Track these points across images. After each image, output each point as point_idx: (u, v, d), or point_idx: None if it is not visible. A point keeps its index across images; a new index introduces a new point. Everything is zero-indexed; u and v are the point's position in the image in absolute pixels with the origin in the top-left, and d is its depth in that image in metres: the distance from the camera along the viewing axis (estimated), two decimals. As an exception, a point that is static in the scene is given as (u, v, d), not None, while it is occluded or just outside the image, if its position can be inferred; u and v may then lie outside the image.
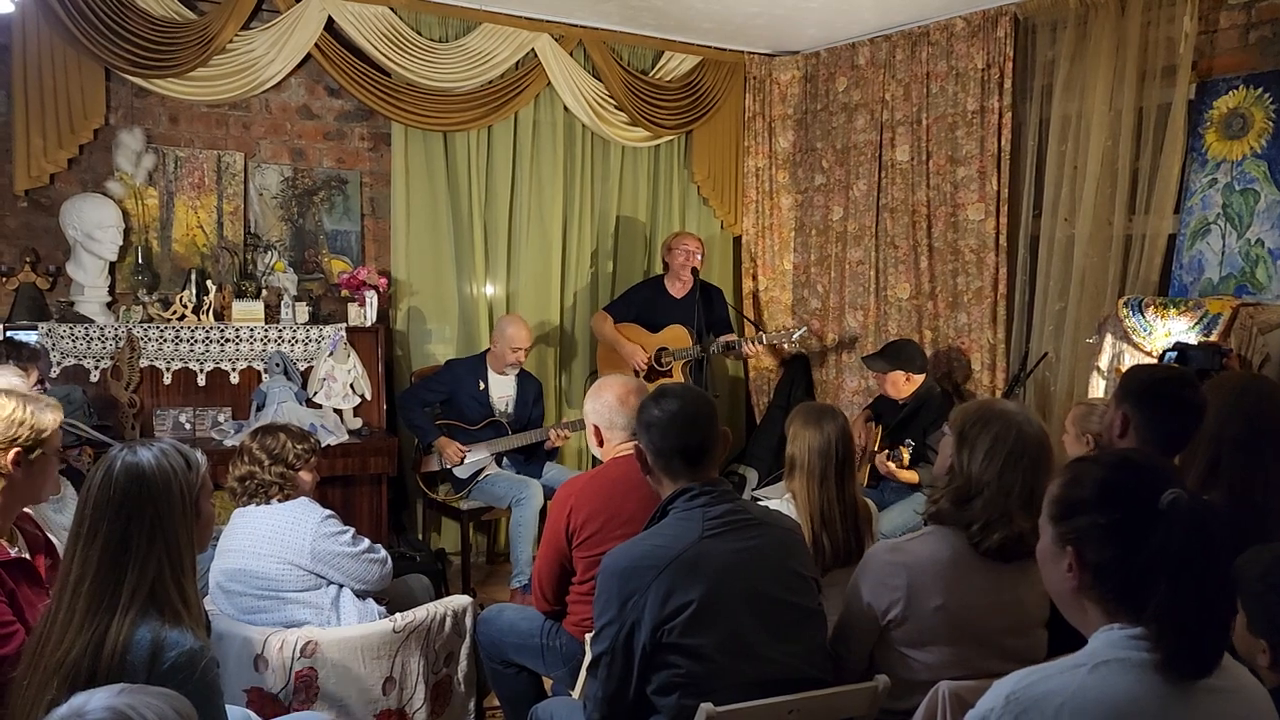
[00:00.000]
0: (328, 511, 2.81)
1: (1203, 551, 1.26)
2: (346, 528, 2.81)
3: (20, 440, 1.95)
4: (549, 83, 5.09)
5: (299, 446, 2.84)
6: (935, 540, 2.07)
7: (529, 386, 4.74)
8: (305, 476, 2.86)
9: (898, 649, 2.07)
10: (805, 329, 5.08)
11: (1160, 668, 1.26)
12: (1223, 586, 1.29)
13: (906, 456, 4.03)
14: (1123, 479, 1.36)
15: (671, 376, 4.82)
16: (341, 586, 2.78)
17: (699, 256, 4.96)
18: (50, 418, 2.02)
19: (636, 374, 4.84)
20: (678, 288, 5.01)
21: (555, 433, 4.51)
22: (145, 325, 4.19)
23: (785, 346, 5.48)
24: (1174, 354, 3.35)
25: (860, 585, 2.11)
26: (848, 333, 5.40)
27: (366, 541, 2.84)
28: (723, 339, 4.94)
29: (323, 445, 3.22)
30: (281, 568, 2.69)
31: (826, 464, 2.64)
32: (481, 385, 4.62)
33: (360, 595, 2.82)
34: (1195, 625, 1.26)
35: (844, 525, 2.63)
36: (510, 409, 4.67)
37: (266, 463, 2.78)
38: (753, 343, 4.89)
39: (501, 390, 4.67)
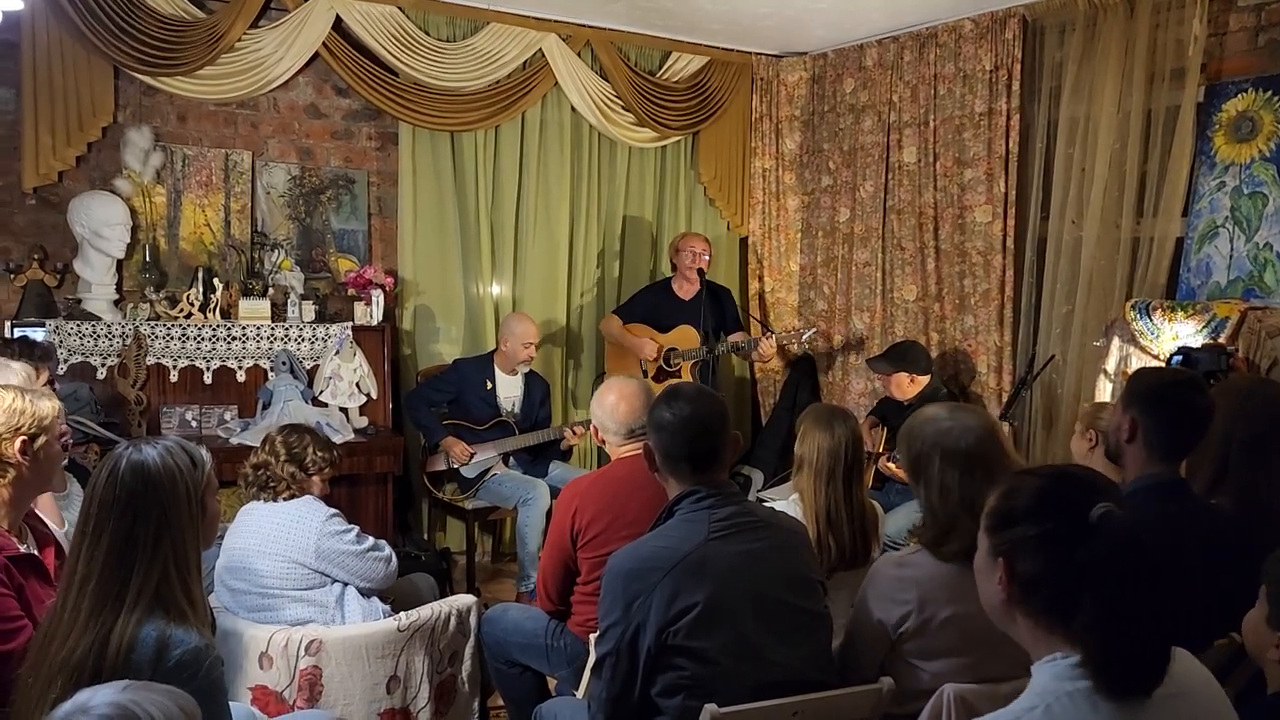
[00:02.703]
0: (332, 510, 2.81)
1: (1131, 567, 1.24)
2: (350, 526, 2.81)
3: (24, 428, 1.97)
4: (556, 83, 5.09)
5: (319, 454, 2.85)
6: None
7: (536, 387, 4.74)
8: (316, 483, 2.87)
9: (908, 660, 2.06)
10: (815, 330, 5.08)
11: (1098, 686, 1.23)
12: (1154, 603, 1.25)
13: None
14: (1058, 491, 1.34)
15: (680, 377, 4.82)
16: (346, 585, 2.78)
17: (706, 257, 4.95)
18: (49, 405, 2.05)
19: (644, 372, 4.85)
20: (685, 289, 5.00)
21: (571, 431, 4.50)
22: (152, 323, 4.20)
23: (793, 347, 5.47)
24: (1179, 358, 3.34)
25: (869, 601, 2.09)
26: (854, 334, 5.39)
27: (371, 539, 2.84)
28: (732, 339, 4.94)
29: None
30: (286, 566, 2.69)
31: (836, 465, 2.64)
32: (489, 385, 4.62)
33: (365, 594, 2.82)
34: (1124, 642, 1.24)
35: (851, 528, 2.63)
36: (517, 409, 4.67)
37: (283, 458, 2.80)
38: (767, 335, 4.89)
39: (509, 391, 4.67)
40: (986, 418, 2.15)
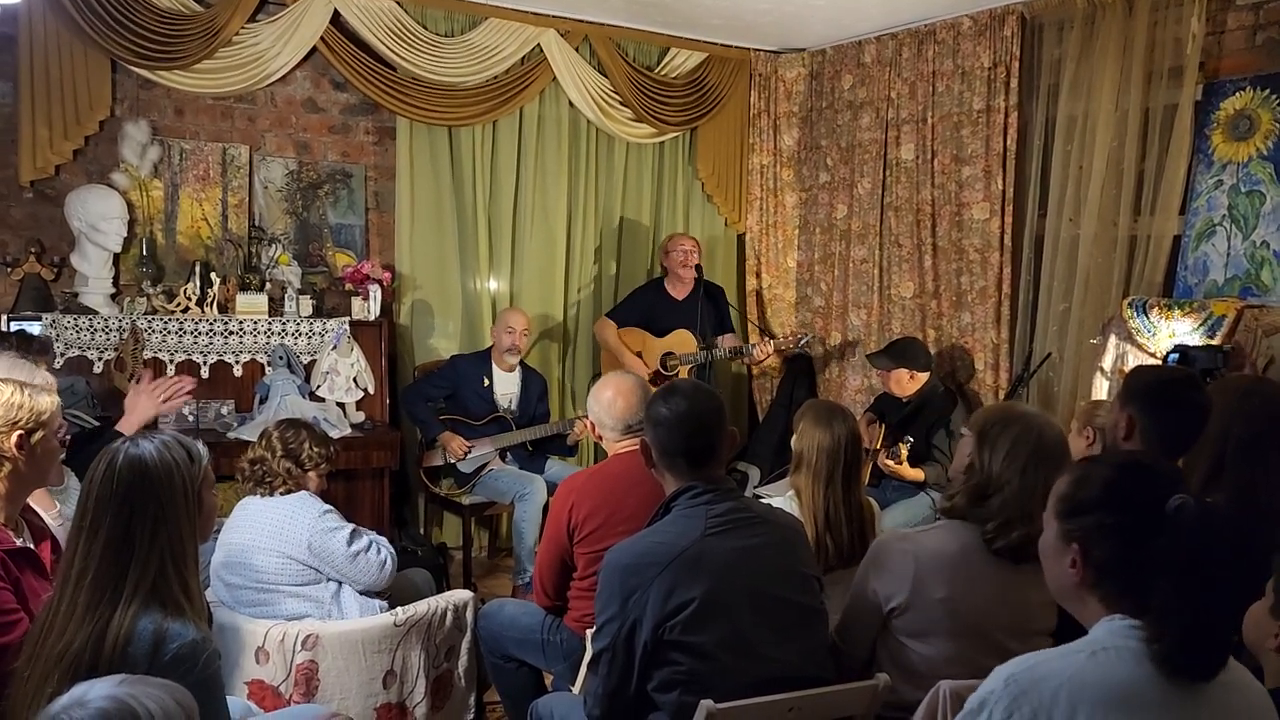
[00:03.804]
0: (327, 507, 2.80)
1: (1207, 558, 1.28)
2: (345, 524, 2.79)
3: (21, 423, 1.96)
4: (554, 78, 5.08)
5: (316, 450, 2.85)
6: (945, 533, 2.09)
7: (533, 383, 4.74)
8: (312, 478, 2.87)
9: (898, 638, 2.08)
10: (810, 336, 5.07)
11: (1163, 667, 1.28)
12: (1226, 594, 1.30)
13: (905, 453, 4.03)
14: (1131, 481, 1.38)
15: None
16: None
17: (696, 255, 4.95)
18: (47, 400, 2.04)
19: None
20: (679, 289, 5.00)
21: (581, 424, 4.44)
22: (149, 317, 4.20)
23: (789, 349, 5.46)
24: (1175, 356, 3.35)
25: (867, 571, 2.13)
26: (851, 331, 5.39)
27: (367, 538, 2.82)
28: (728, 345, 4.94)
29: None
30: (280, 561, 2.69)
31: (834, 466, 2.63)
32: (486, 381, 4.62)
33: (361, 592, 2.82)
34: (1197, 630, 1.28)
35: (849, 528, 2.63)
36: (514, 405, 4.67)
37: (280, 453, 2.79)
38: (763, 339, 4.88)
39: (506, 387, 4.67)
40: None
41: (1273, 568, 1.73)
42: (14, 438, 1.95)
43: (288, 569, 2.70)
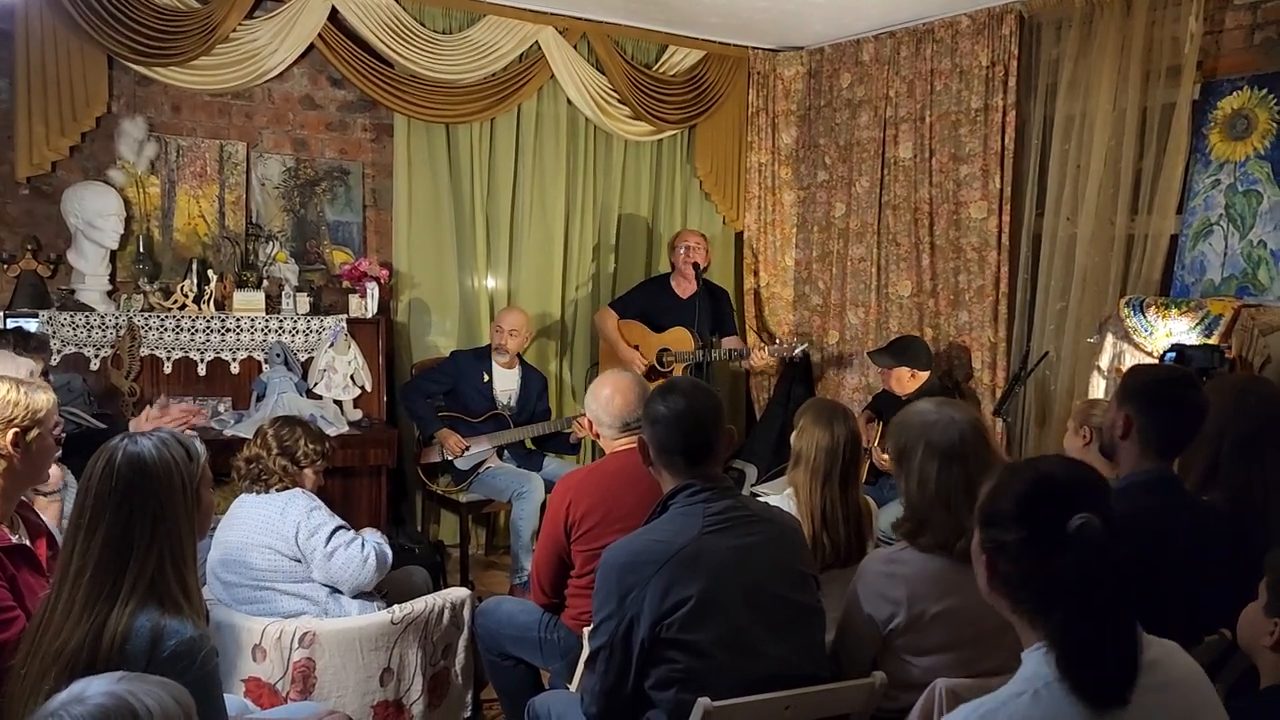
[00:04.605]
0: (315, 505, 2.76)
1: (1102, 580, 1.25)
2: (329, 522, 2.73)
3: (16, 420, 1.96)
4: (552, 75, 5.08)
5: (311, 446, 2.84)
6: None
7: (533, 381, 4.74)
8: (309, 476, 2.86)
9: (899, 655, 2.07)
10: (807, 345, 5.06)
11: (1079, 697, 1.25)
12: (1121, 618, 1.27)
13: None
14: (1040, 496, 1.35)
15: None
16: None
17: (701, 252, 4.94)
18: (43, 398, 2.04)
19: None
20: (684, 287, 4.99)
21: (580, 422, 4.42)
22: (146, 314, 4.19)
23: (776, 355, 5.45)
24: (1172, 355, 3.35)
25: (859, 597, 2.10)
26: (848, 330, 5.39)
27: (349, 535, 2.75)
28: (726, 346, 4.93)
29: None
30: (274, 558, 2.69)
31: (833, 465, 2.62)
32: (486, 378, 4.61)
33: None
34: (1095, 652, 1.25)
35: (846, 527, 2.62)
36: (513, 403, 4.66)
37: (275, 451, 2.79)
38: (761, 349, 4.88)
39: (505, 384, 4.67)
40: (972, 413, 2.17)
41: (1266, 567, 1.74)
42: (9, 435, 1.95)
43: (281, 566, 2.70)
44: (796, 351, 4.90)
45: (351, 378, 4.45)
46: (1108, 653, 1.25)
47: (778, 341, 5.01)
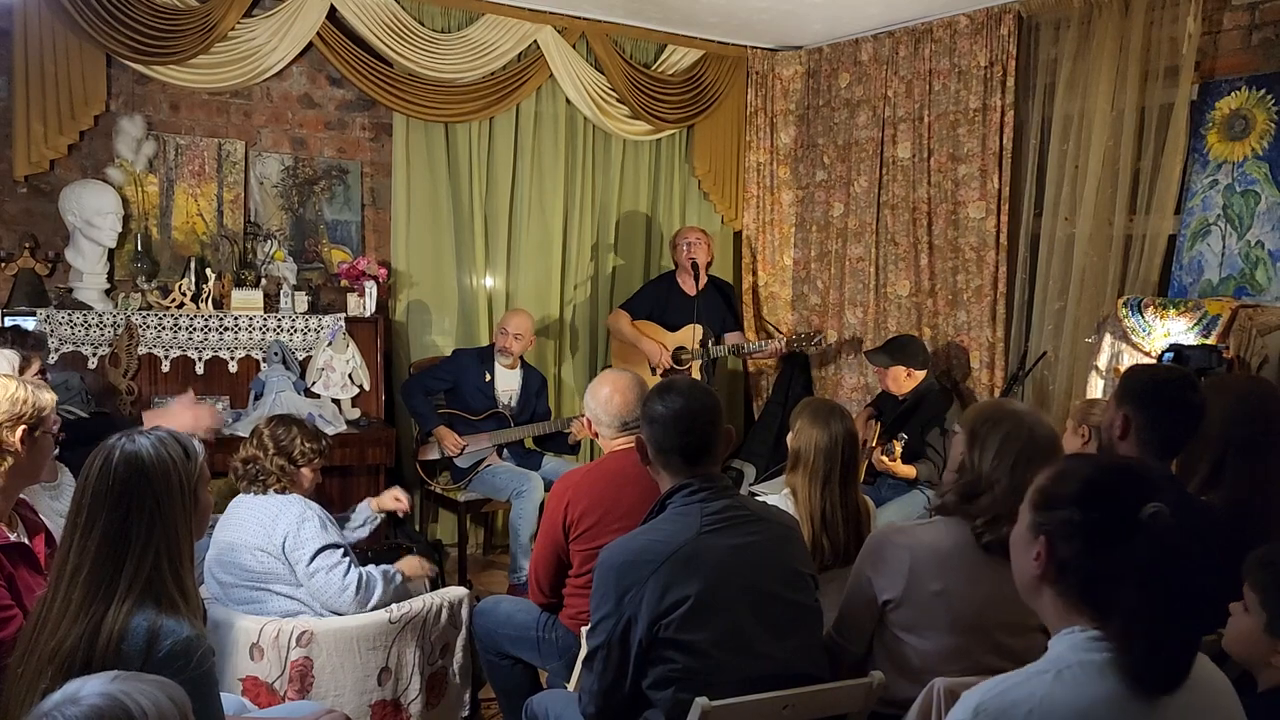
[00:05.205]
0: (308, 516, 2.71)
1: (1174, 569, 1.26)
2: (320, 538, 2.68)
3: (26, 417, 1.98)
4: (551, 75, 5.08)
5: (308, 445, 2.83)
6: (940, 528, 2.09)
7: (533, 379, 4.74)
8: (306, 474, 2.85)
9: (894, 632, 2.08)
10: (820, 335, 5.08)
11: (1129, 680, 1.26)
12: (1192, 608, 1.28)
13: (899, 449, 4.04)
14: (1110, 482, 1.36)
15: (691, 375, 4.82)
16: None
17: (702, 248, 4.94)
18: (47, 396, 2.06)
19: (654, 371, 4.83)
20: (690, 284, 4.98)
21: (579, 423, 4.42)
22: (144, 313, 4.19)
23: (797, 349, 5.45)
24: (1170, 355, 3.35)
25: (863, 565, 2.14)
26: (847, 329, 5.39)
27: (338, 558, 2.69)
28: (730, 342, 4.93)
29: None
30: (266, 561, 2.68)
31: (831, 466, 2.63)
32: (487, 377, 4.61)
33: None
34: (1163, 642, 1.26)
35: (845, 527, 2.63)
36: (514, 402, 4.66)
37: (271, 451, 2.78)
38: (778, 338, 4.89)
39: (507, 383, 4.66)
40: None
41: (1249, 577, 1.74)
42: (19, 432, 1.97)
43: (274, 569, 2.69)
44: (815, 340, 4.92)
45: (350, 377, 4.45)
46: (1173, 640, 1.27)
47: (796, 334, 5.04)
